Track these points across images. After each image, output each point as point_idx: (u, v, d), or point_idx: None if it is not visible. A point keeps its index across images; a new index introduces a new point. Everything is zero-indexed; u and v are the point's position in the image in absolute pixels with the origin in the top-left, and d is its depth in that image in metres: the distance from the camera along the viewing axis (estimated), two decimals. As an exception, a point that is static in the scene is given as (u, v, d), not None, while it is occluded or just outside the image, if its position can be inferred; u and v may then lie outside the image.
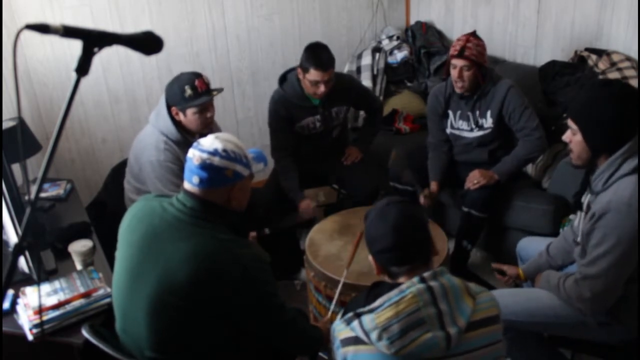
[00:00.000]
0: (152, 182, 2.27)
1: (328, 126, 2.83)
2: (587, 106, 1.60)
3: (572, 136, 1.66)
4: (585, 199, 1.72)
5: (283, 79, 2.77)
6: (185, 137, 2.24)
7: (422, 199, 2.63)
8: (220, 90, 2.27)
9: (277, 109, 2.73)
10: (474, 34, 2.53)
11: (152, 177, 2.25)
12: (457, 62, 2.48)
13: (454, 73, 2.53)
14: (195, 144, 1.45)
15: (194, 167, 1.41)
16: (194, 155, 1.42)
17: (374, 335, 1.16)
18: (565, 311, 1.70)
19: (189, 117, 2.22)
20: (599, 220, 1.55)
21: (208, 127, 2.24)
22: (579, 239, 1.72)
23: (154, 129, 2.27)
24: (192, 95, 2.17)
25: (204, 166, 1.40)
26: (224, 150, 1.41)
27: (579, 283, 1.62)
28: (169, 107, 2.24)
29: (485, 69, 2.54)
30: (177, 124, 2.25)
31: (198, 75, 2.21)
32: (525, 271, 2.02)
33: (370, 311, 1.19)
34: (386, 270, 1.31)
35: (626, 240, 1.51)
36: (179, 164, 2.20)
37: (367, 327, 1.17)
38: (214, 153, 1.40)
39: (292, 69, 2.73)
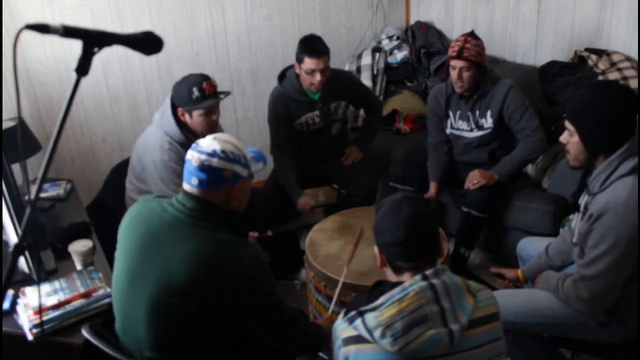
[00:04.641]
0: (154, 182, 2.27)
1: (327, 122, 2.83)
2: (584, 107, 1.60)
3: (570, 137, 1.66)
4: (583, 200, 1.72)
5: (282, 75, 2.79)
6: (189, 139, 2.24)
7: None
8: (227, 93, 2.27)
9: (276, 105, 2.75)
10: (472, 34, 2.52)
11: (154, 177, 2.26)
12: (456, 63, 2.48)
13: (453, 74, 2.52)
14: (193, 145, 1.45)
15: (193, 169, 1.41)
16: (192, 156, 1.42)
17: (377, 333, 1.15)
18: (565, 312, 1.70)
19: (195, 118, 2.22)
20: (596, 221, 1.55)
21: (213, 129, 2.24)
22: (575, 240, 1.73)
23: (158, 130, 2.28)
24: (200, 98, 2.18)
25: (203, 168, 1.40)
26: (223, 152, 1.41)
27: (577, 284, 1.62)
28: (174, 108, 2.25)
29: (484, 69, 2.54)
30: (181, 125, 2.26)
31: (206, 78, 2.21)
32: (525, 273, 2.02)
33: (373, 309, 1.19)
34: (390, 264, 1.31)
35: (624, 240, 1.52)
36: (183, 164, 2.20)
37: (370, 325, 1.17)
38: (213, 154, 1.40)
39: (291, 66, 2.75)
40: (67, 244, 1.96)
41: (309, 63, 2.56)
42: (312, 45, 2.57)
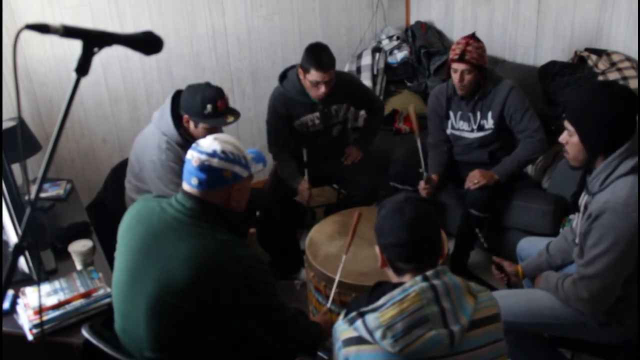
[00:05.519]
0: (153, 182, 2.27)
1: (328, 124, 2.83)
2: (584, 108, 1.60)
3: (569, 138, 1.66)
4: (582, 199, 1.72)
5: (283, 76, 2.78)
6: (187, 140, 2.24)
7: (422, 185, 2.63)
8: (237, 116, 2.26)
9: (276, 105, 2.75)
10: (473, 36, 2.51)
11: (153, 176, 2.25)
12: (458, 66, 2.48)
13: (455, 77, 2.52)
14: (194, 145, 1.45)
15: (193, 169, 1.41)
16: (192, 156, 1.42)
17: (378, 334, 1.15)
18: (565, 312, 1.70)
19: (199, 129, 2.23)
20: (595, 220, 1.55)
21: None
22: (577, 240, 1.73)
23: (156, 129, 2.28)
24: (211, 114, 2.18)
25: (203, 168, 1.40)
26: (223, 152, 1.41)
27: (577, 283, 1.62)
28: (179, 112, 2.24)
29: (485, 71, 2.54)
30: (180, 126, 2.25)
31: (221, 95, 2.22)
32: (524, 269, 2.02)
33: (374, 310, 1.19)
34: (392, 265, 1.31)
35: (623, 240, 1.52)
36: (181, 164, 2.20)
37: (371, 325, 1.17)
38: (213, 155, 1.40)
39: (293, 67, 2.74)
40: (67, 244, 1.96)
41: (315, 75, 2.54)
42: (320, 58, 2.54)
